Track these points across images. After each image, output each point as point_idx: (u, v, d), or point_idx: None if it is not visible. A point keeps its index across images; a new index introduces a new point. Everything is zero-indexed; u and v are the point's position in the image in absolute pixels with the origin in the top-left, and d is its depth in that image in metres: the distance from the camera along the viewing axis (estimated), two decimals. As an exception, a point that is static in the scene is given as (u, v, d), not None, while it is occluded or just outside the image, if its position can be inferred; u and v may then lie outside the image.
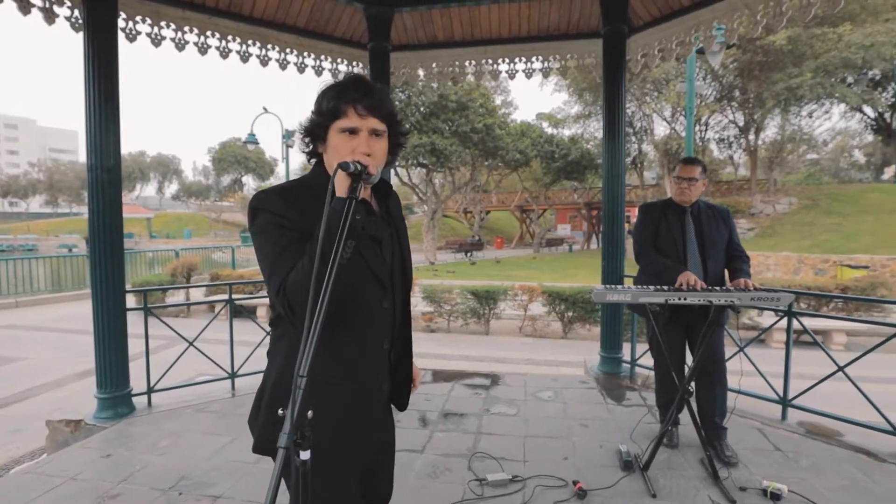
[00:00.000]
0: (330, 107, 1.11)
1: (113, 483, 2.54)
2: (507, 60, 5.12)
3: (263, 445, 1.18)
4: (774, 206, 20.91)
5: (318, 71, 4.93)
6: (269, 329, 3.93)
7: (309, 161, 1.24)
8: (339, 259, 0.91)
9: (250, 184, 63.52)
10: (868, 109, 28.41)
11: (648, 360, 4.13)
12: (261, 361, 4.46)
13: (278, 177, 62.79)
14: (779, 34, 17.63)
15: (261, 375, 1.21)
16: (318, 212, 1.05)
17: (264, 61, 4.55)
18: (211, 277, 10.92)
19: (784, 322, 3.43)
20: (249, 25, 4.36)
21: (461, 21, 4.85)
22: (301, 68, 4.81)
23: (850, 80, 22.23)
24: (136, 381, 3.56)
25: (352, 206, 0.96)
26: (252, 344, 4.09)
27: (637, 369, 4.34)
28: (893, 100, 25.81)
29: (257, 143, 17.08)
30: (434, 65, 5.22)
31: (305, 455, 0.80)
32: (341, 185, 1.00)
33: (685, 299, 2.45)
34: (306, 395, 0.84)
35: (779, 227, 19.13)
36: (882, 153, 35.46)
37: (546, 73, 5.20)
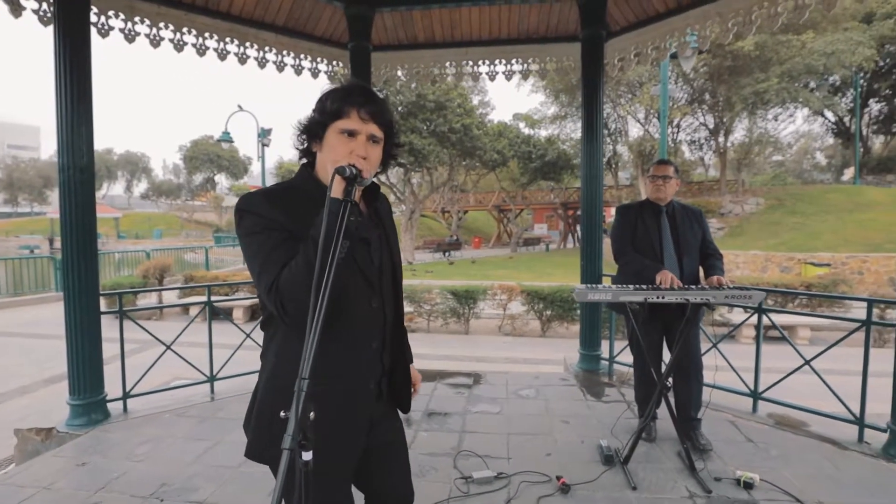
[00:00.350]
0: (334, 107, 1.15)
1: (90, 492, 2.47)
2: (487, 62, 5.17)
3: (253, 451, 1.18)
4: (743, 206, 21.60)
5: (298, 70, 4.88)
6: (247, 331, 3.90)
7: (300, 159, 1.26)
8: (335, 259, 0.93)
9: (223, 183, 62.10)
10: (829, 114, 29.73)
11: (626, 357, 4.24)
12: (240, 364, 4.36)
13: (252, 175, 61.57)
14: (747, 40, 18.23)
15: (241, 378, 1.22)
16: (302, 213, 1.09)
17: (242, 59, 4.48)
18: (185, 279, 10.66)
19: (754, 318, 3.57)
20: (227, 22, 4.29)
21: (442, 22, 4.87)
22: (280, 67, 4.75)
23: (812, 85, 23.18)
24: (110, 387, 3.47)
25: (347, 207, 0.99)
26: (229, 346, 4.03)
27: (615, 366, 4.45)
28: (852, 105, 27.04)
29: (232, 142, 16.73)
30: (415, 65, 5.23)
31: (307, 456, 0.81)
32: (336, 187, 1.02)
33: (663, 298, 2.53)
34: (308, 397, 0.85)
35: (747, 227, 19.78)
36: (842, 155, 37.03)
37: (526, 75, 5.28)
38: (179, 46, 4.11)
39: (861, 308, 3.06)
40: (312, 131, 1.19)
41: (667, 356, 3.03)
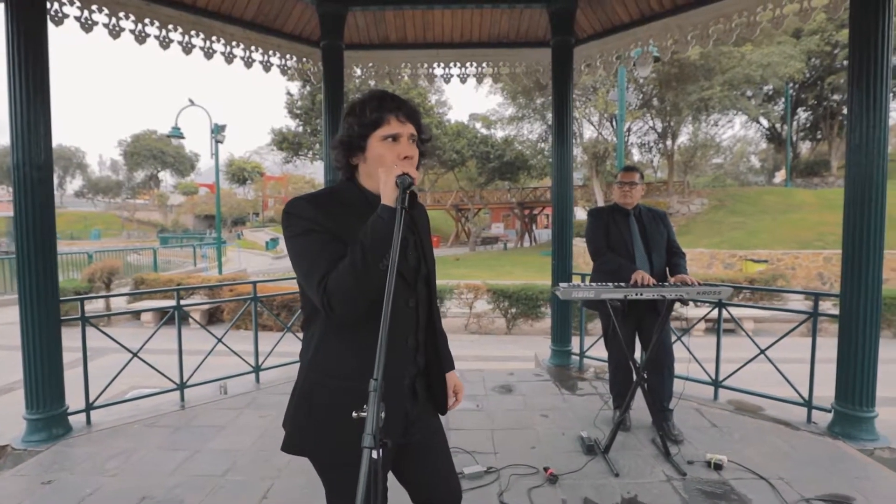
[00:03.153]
0: (373, 117, 1.19)
1: (62, 509, 2.33)
2: (458, 64, 5.23)
3: (290, 444, 1.22)
4: (689, 206, 22.86)
5: (267, 66, 4.75)
6: (217, 335, 3.82)
7: (343, 176, 1.30)
8: (384, 265, 0.97)
9: (168, 180, 59.06)
10: (763, 120, 31.96)
11: (595, 352, 4.43)
12: (210, 371, 4.19)
13: (200, 173, 58.87)
14: (692, 50, 19.29)
15: (212, 385, 1.22)
16: (345, 217, 1.16)
17: (209, 54, 4.32)
18: (134, 282, 10.09)
19: (705, 311, 3.83)
20: (192, 15, 4.11)
21: (414, 23, 4.89)
22: (248, 63, 4.60)
23: (749, 94, 24.83)
24: (68, 398, 3.25)
25: (402, 215, 1.03)
26: (192, 352, 3.85)
27: (585, 361, 4.62)
28: (783, 113, 29.21)
29: (182, 137, 15.91)
30: (387, 66, 5.22)
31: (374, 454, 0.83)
32: (391, 195, 1.06)
33: (642, 295, 2.68)
34: (361, 396, 0.89)
35: (693, 226, 20.96)
36: (773, 159, 39.87)
37: (496, 79, 5.39)
38: (141, 38, 3.91)
39: (799, 300, 3.36)
40: (354, 145, 1.23)
41: (638, 350, 3.21)
